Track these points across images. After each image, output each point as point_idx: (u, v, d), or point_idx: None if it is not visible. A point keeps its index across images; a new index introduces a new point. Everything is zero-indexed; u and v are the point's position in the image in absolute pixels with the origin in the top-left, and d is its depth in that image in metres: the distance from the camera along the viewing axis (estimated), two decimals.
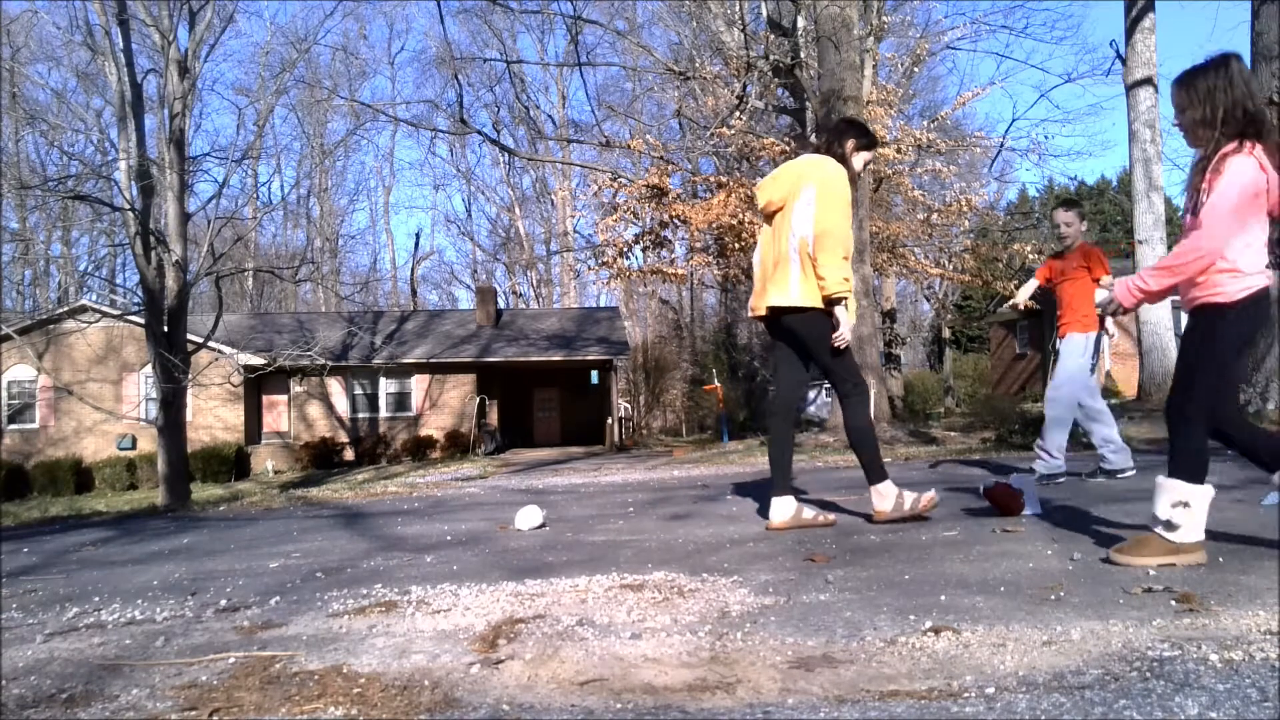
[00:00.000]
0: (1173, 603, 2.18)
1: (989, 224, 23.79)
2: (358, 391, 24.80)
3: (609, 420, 24.66)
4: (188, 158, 15.81)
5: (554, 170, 38.17)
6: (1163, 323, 14.65)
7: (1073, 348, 5.04)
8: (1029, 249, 18.54)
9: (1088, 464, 5.42)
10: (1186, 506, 2.58)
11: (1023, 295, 5.58)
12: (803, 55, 15.63)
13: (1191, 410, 2.63)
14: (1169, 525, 2.60)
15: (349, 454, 23.91)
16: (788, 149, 17.14)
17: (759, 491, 5.58)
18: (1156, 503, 2.64)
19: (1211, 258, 2.55)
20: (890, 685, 1.72)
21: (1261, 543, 2.82)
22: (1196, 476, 2.60)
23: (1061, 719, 1.50)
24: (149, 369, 17.21)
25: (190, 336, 15.22)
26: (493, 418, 25.34)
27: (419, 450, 23.48)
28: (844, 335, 3.62)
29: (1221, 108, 2.59)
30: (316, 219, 43.11)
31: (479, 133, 21.02)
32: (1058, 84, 65.31)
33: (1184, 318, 2.90)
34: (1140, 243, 14.96)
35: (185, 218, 15.17)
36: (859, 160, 3.83)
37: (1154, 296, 2.69)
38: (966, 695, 1.64)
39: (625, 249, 17.73)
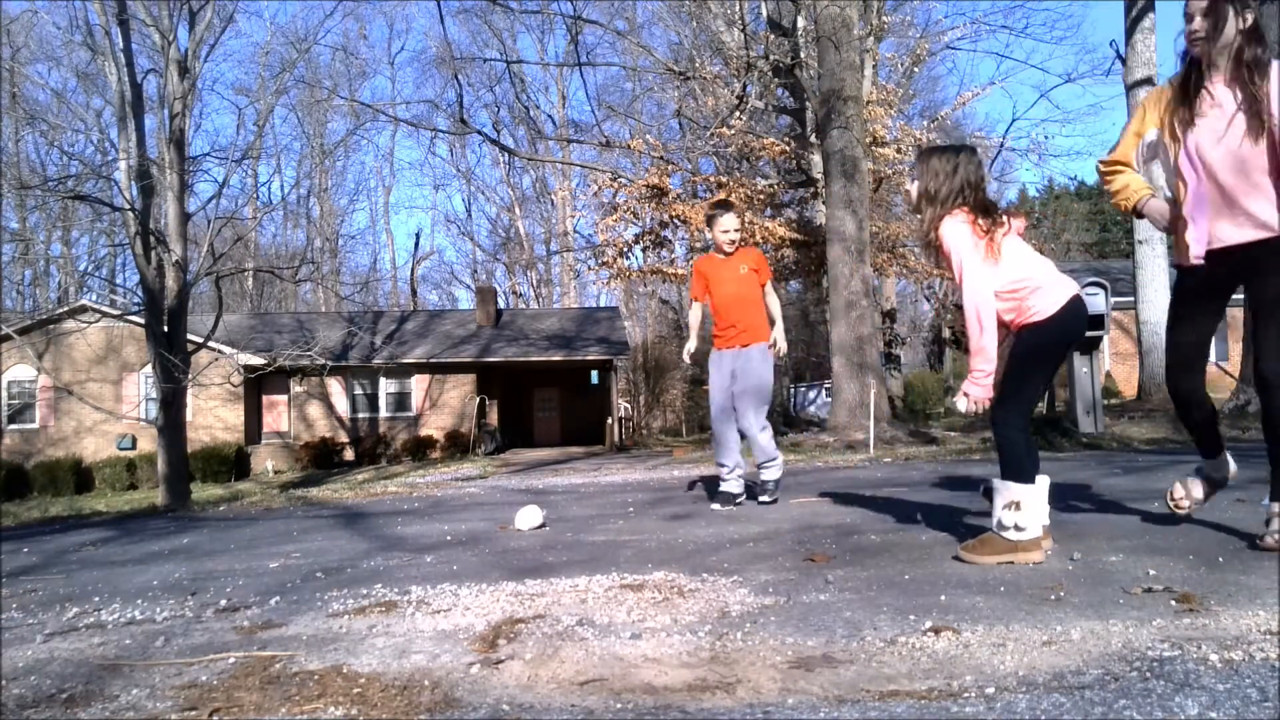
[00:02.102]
0: (1173, 603, 2.18)
1: None
2: (358, 391, 24.80)
3: (609, 420, 24.66)
4: (188, 158, 15.81)
5: (554, 170, 38.19)
6: (1163, 323, 14.65)
7: (762, 356, 4.70)
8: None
9: (1085, 464, 5.42)
10: (1017, 507, 2.74)
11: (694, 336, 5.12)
12: (803, 55, 15.64)
13: (1002, 416, 2.85)
14: (1001, 525, 2.77)
15: (349, 454, 23.91)
16: (787, 149, 17.15)
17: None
18: (994, 505, 2.81)
19: (983, 305, 2.81)
20: (890, 685, 1.72)
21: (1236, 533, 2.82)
22: (1024, 477, 2.77)
23: (1061, 719, 1.50)
24: (149, 369, 17.22)
25: (190, 336, 15.22)
26: (493, 418, 25.34)
27: (419, 450, 23.48)
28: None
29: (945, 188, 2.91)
30: (316, 219, 43.14)
31: (479, 133, 21.03)
32: (1058, 84, 65.58)
33: None
34: (1140, 243, 14.97)
35: (185, 218, 15.17)
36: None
37: (989, 364, 2.84)
38: (966, 695, 1.64)
39: (625, 249, 17.72)
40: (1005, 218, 2.90)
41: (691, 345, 5.07)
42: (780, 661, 1.91)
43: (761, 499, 4.73)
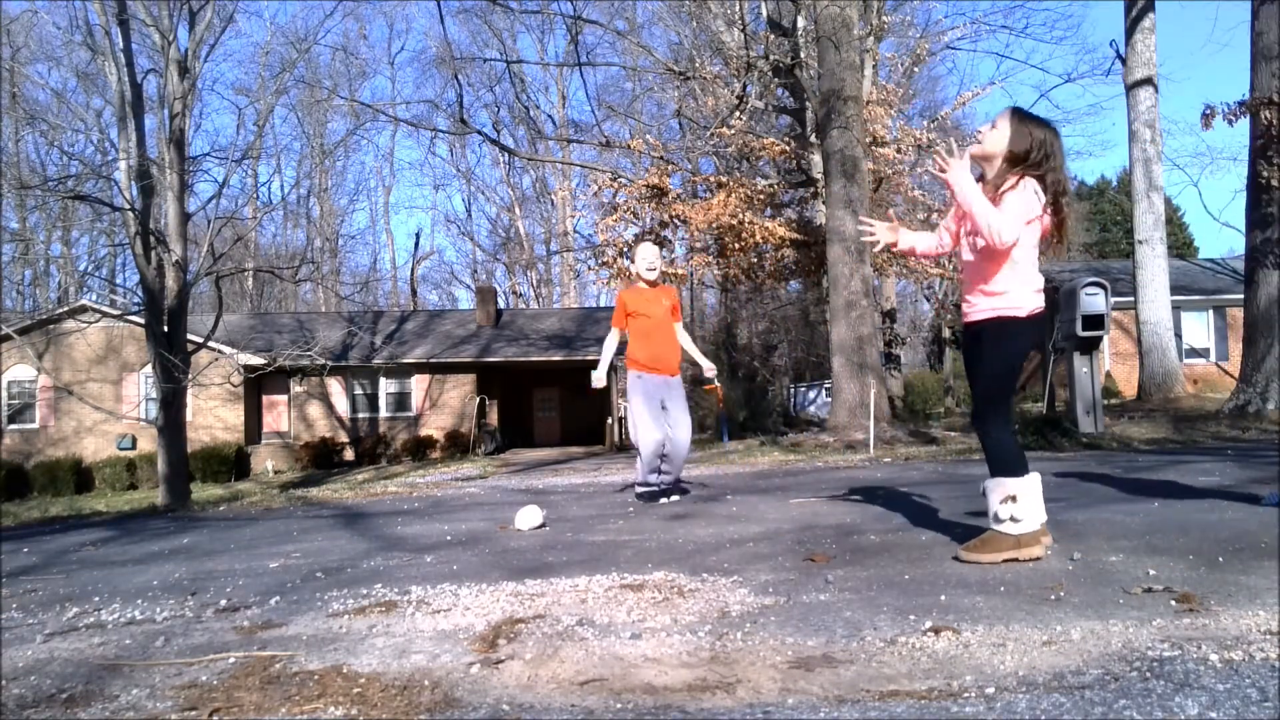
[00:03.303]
0: (1173, 603, 2.18)
1: None
2: (358, 391, 24.80)
3: (609, 420, 24.66)
4: (188, 158, 15.80)
5: (554, 170, 38.18)
6: (1163, 323, 14.66)
7: (681, 383, 5.27)
8: None
9: (1089, 464, 5.42)
10: (1014, 500, 2.75)
11: (604, 367, 5.43)
12: (803, 55, 15.63)
13: (987, 423, 2.85)
14: (999, 519, 2.78)
15: (349, 454, 23.90)
16: (788, 149, 17.15)
17: (759, 491, 5.58)
18: (989, 502, 2.82)
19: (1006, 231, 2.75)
20: (890, 685, 1.72)
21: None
22: (1017, 471, 2.78)
23: (1061, 719, 1.50)
24: (149, 369, 17.21)
25: (190, 336, 15.21)
26: (493, 418, 25.34)
27: (419, 450, 23.47)
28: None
29: None
30: (316, 219, 43.11)
31: (479, 133, 21.03)
32: (1058, 84, 65.65)
33: (1182, 318, 3.03)
34: (1140, 242, 14.97)
35: (185, 218, 15.17)
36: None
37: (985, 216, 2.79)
38: (966, 695, 1.64)
39: (625, 249, 17.71)
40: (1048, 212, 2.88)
41: (602, 370, 5.41)
42: (780, 661, 1.91)
43: (672, 498, 5.27)
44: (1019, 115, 2.89)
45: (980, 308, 2.88)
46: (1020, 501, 2.75)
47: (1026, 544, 2.75)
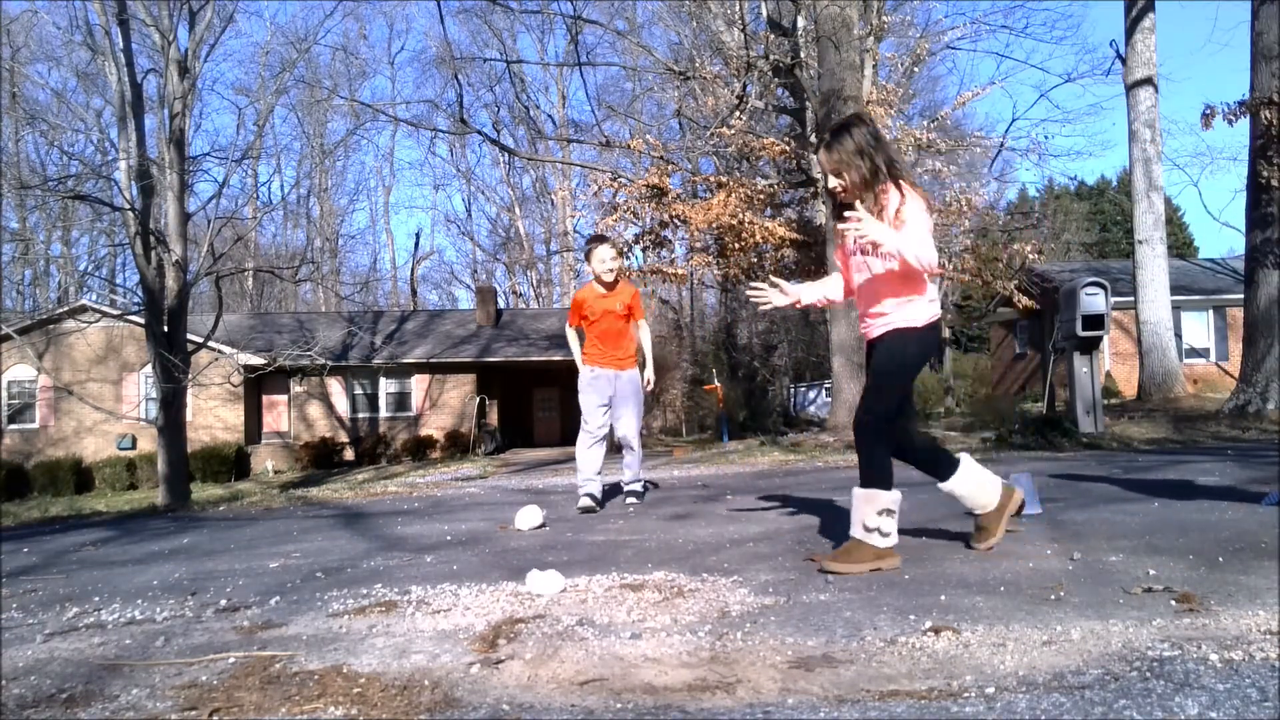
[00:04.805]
0: (1173, 603, 2.18)
1: (989, 224, 23.74)
2: (358, 391, 24.80)
3: None
4: (188, 158, 15.80)
5: (554, 170, 38.17)
6: (1163, 323, 14.66)
7: (636, 379, 5.27)
8: (1029, 249, 18.52)
9: (1089, 464, 5.42)
10: (890, 514, 2.78)
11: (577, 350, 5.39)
12: (803, 55, 15.63)
13: (874, 423, 2.84)
14: (868, 529, 2.78)
15: (349, 454, 23.91)
16: (788, 149, 17.14)
17: (758, 491, 5.58)
18: (862, 513, 2.80)
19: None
20: (890, 685, 1.72)
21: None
22: (889, 485, 2.80)
23: (1061, 719, 1.50)
24: (149, 369, 17.21)
25: (190, 336, 15.21)
26: (493, 418, 25.34)
27: (419, 450, 23.47)
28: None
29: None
30: (316, 219, 43.11)
31: (479, 133, 21.02)
32: (1058, 84, 65.55)
33: (1182, 318, 3.02)
34: (1140, 242, 14.97)
35: (185, 218, 15.17)
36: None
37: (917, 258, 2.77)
38: (966, 695, 1.64)
39: (625, 249, 17.71)
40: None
41: (580, 361, 5.35)
42: (780, 661, 1.91)
43: (631, 501, 5.32)
44: (829, 145, 2.88)
45: (880, 324, 2.88)
46: (895, 516, 2.80)
47: (886, 555, 2.78)
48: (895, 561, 2.80)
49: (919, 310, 2.84)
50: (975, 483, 2.94)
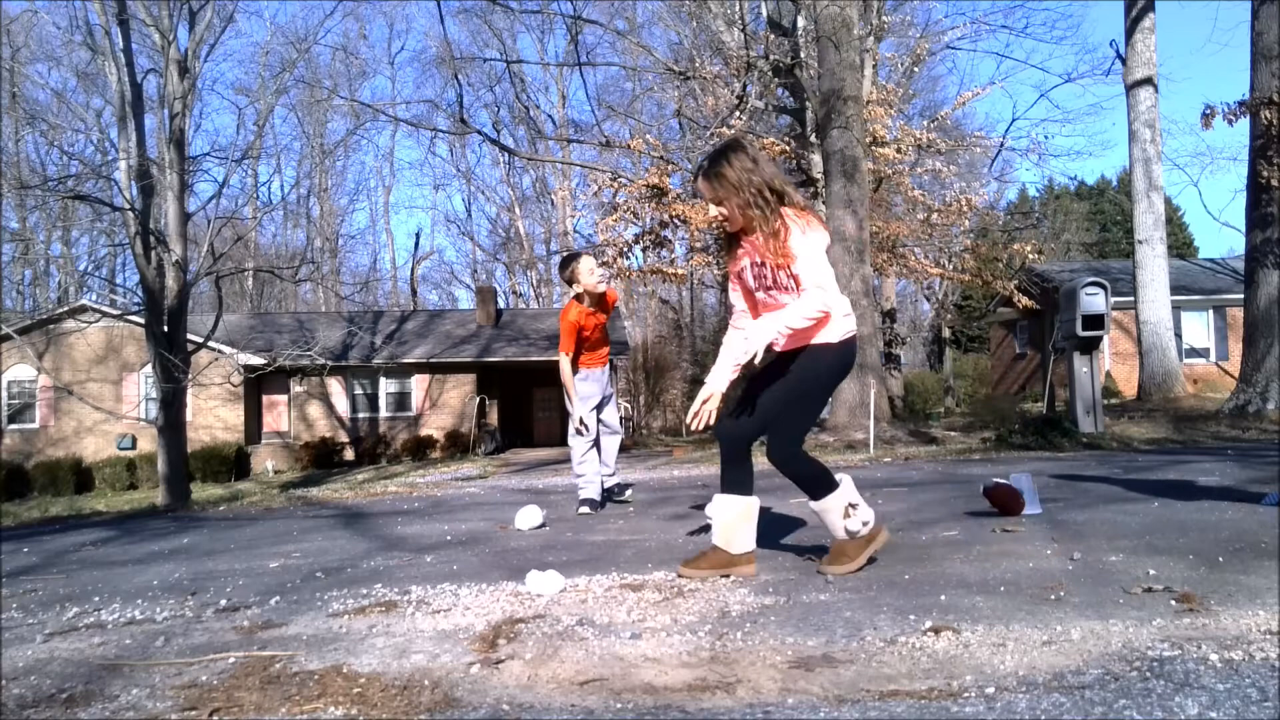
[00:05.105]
0: (1173, 603, 2.18)
1: (989, 224, 23.78)
2: (358, 391, 24.80)
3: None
4: (188, 158, 15.80)
5: (554, 170, 38.17)
6: (1163, 323, 14.67)
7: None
8: (1029, 249, 18.53)
9: (1089, 464, 5.42)
10: (854, 508, 2.77)
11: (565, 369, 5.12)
12: (803, 55, 15.63)
13: (793, 441, 2.81)
14: (850, 531, 2.77)
15: (349, 454, 23.90)
16: (788, 149, 17.15)
17: (758, 491, 5.56)
18: (831, 522, 2.78)
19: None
20: (890, 685, 1.72)
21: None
22: (833, 484, 2.78)
23: (1061, 719, 1.50)
24: (149, 369, 17.21)
25: (190, 336, 15.22)
26: (493, 418, 25.34)
27: (419, 450, 23.47)
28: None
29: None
30: (316, 219, 43.10)
31: (479, 133, 21.01)
32: (1058, 84, 65.43)
33: (1182, 318, 2.97)
34: (1140, 242, 14.97)
35: (185, 218, 15.17)
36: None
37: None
38: (966, 695, 1.64)
39: (625, 249, 17.71)
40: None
41: (580, 410, 5.02)
42: (780, 661, 1.90)
43: (620, 498, 5.32)
44: (705, 174, 2.81)
45: (793, 341, 2.76)
46: (860, 507, 2.78)
47: (874, 537, 2.81)
48: (883, 536, 2.84)
49: (834, 328, 2.75)
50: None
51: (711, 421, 2.81)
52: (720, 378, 2.85)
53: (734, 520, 2.85)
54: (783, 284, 2.73)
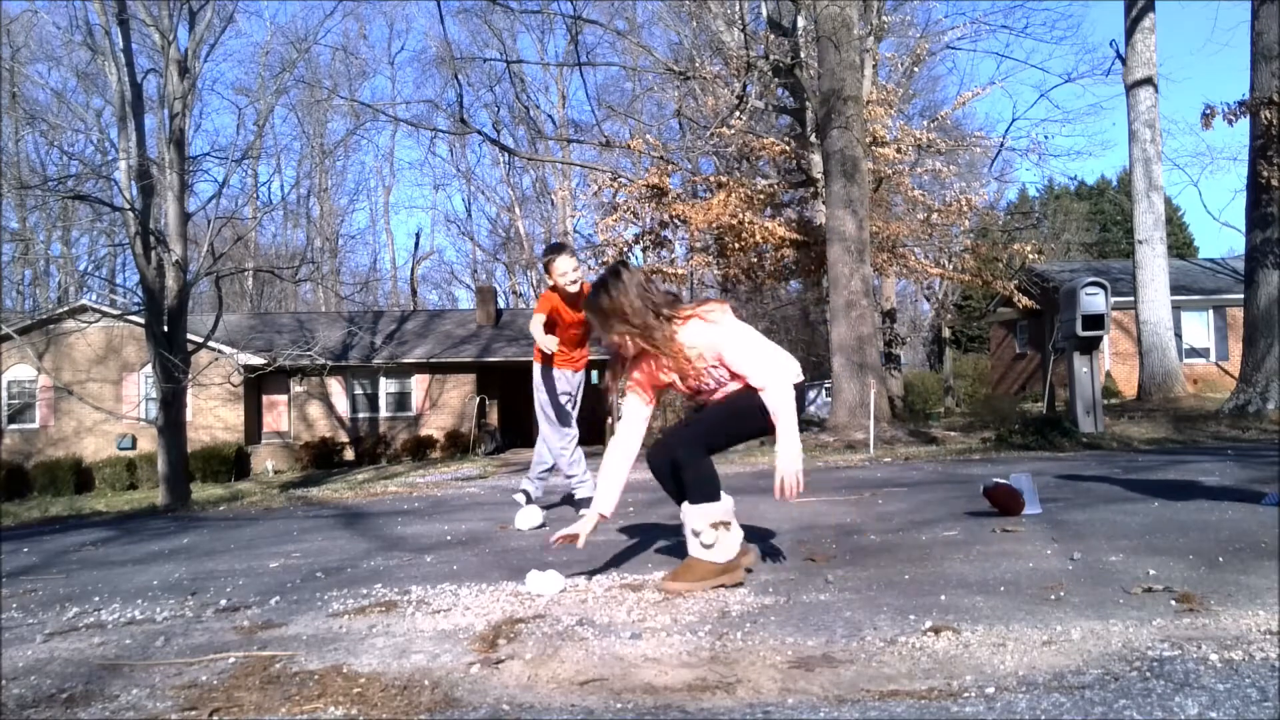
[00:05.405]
0: (1173, 603, 2.18)
1: (989, 224, 23.76)
2: (358, 391, 24.79)
3: (609, 420, 24.66)
4: (188, 158, 15.80)
5: (554, 170, 38.14)
6: (1163, 323, 14.67)
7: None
8: (1029, 249, 18.53)
9: (1089, 464, 5.42)
10: (726, 527, 2.69)
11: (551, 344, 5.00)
12: (803, 55, 15.64)
13: (704, 447, 2.78)
14: (707, 545, 2.68)
15: (349, 454, 23.90)
16: (788, 149, 17.15)
17: (758, 491, 5.57)
18: (695, 530, 2.69)
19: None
20: (890, 685, 1.72)
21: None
22: (719, 496, 2.72)
23: (1061, 719, 1.50)
24: (149, 369, 17.21)
25: (190, 336, 15.21)
26: (493, 418, 25.34)
27: (419, 450, 23.47)
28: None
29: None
30: (316, 219, 43.08)
31: (479, 133, 21.02)
32: (1058, 84, 65.39)
33: (1182, 318, 2.94)
34: (1140, 242, 14.97)
35: (185, 218, 15.17)
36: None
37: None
38: (966, 695, 1.64)
39: (625, 249, 17.72)
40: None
41: (553, 344, 4.94)
42: (780, 661, 1.91)
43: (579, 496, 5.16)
44: (590, 307, 2.83)
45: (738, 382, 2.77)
46: (732, 529, 2.71)
47: (731, 569, 2.68)
48: (736, 576, 2.68)
49: (782, 386, 2.74)
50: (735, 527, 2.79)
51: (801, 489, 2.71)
52: (611, 498, 2.84)
53: (708, 528, 2.73)
54: (709, 387, 2.80)
